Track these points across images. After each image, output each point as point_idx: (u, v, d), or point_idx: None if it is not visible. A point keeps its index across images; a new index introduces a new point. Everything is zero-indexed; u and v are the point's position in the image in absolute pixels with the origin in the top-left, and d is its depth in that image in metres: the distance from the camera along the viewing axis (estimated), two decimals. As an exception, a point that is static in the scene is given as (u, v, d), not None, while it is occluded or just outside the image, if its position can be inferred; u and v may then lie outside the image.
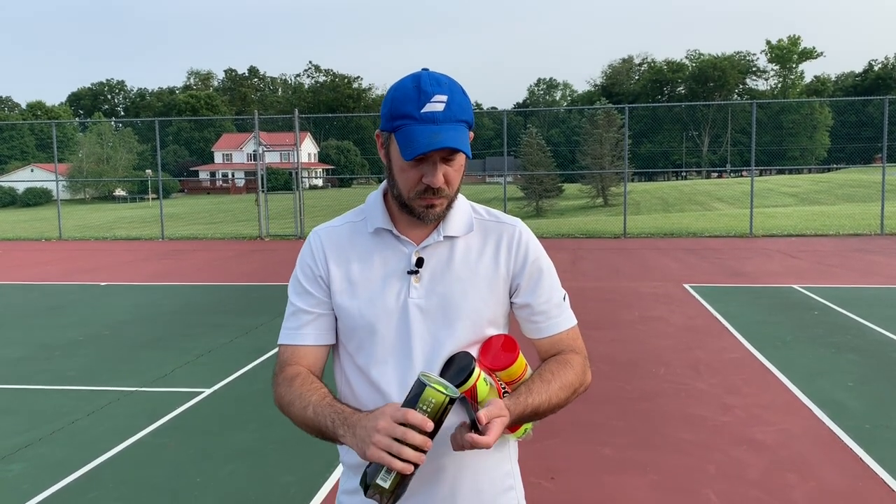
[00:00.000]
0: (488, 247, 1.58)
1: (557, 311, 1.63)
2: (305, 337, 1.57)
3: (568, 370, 1.56)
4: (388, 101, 1.47)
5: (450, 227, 1.55)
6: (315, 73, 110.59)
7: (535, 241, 1.63)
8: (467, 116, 1.45)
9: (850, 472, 4.21)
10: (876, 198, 21.69)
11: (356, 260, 1.55)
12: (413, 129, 1.41)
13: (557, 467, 4.37)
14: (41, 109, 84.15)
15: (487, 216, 1.62)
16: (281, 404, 1.54)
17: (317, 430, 1.45)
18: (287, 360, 1.57)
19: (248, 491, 4.12)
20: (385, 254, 1.54)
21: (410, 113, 1.41)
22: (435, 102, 1.41)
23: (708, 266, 12.85)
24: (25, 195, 54.66)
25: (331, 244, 1.57)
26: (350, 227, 1.59)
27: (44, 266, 14.77)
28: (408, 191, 1.48)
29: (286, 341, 1.59)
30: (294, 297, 1.59)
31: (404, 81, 1.46)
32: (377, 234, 1.56)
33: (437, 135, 1.40)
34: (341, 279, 1.54)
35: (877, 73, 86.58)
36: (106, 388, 6.14)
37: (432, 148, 1.39)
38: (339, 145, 79.94)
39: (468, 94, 1.51)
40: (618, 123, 44.79)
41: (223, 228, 25.71)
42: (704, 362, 6.56)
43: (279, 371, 1.57)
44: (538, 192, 40.76)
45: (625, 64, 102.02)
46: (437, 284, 1.52)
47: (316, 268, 1.56)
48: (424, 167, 1.44)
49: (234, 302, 10.17)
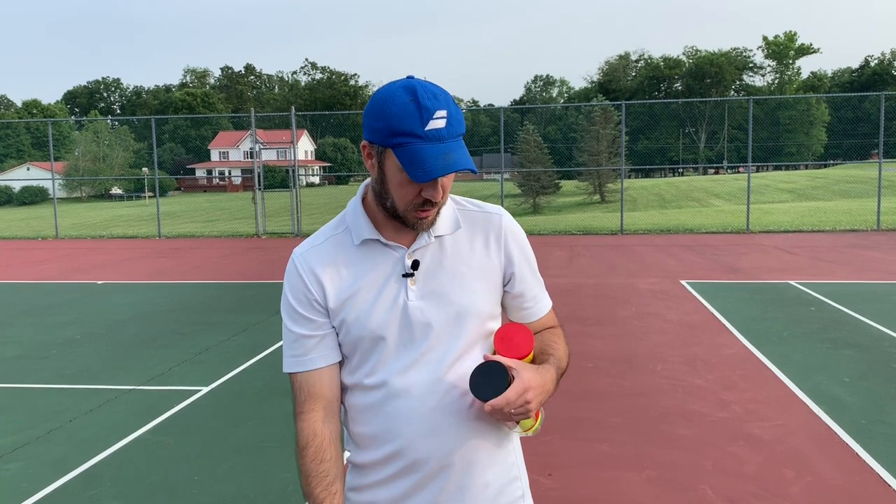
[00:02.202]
0: (477, 240, 1.59)
1: (541, 294, 1.68)
2: (315, 361, 1.55)
3: (558, 337, 1.66)
4: (383, 115, 1.40)
5: (438, 227, 1.55)
6: (311, 70, 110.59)
7: (518, 228, 1.66)
8: (463, 129, 1.45)
9: (846, 468, 4.22)
10: (872, 193, 21.73)
11: (347, 273, 1.53)
12: (421, 150, 1.38)
13: (555, 463, 4.38)
14: (37, 107, 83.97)
15: (471, 207, 1.63)
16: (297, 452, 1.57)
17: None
18: (303, 391, 1.55)
19: (246, 488, 4.12)
20: (377, 261, 1.53)
21: (413, 131, 1.38)
22: (437, 119, 1.38)
23: (705, 262, 12.87)
24: (22, 194, 54.59)
25: (318, 263, 1.55)
26: (333, 242, 1.57)
27: (40, 265, 14.75)
28: (405, 205, 1.46)
29: (295, 369, 1.55)
30: (292, 325, 1.56)
31: (397, 94, 1.40)
32: (364, 245, 1.54)
33: (447, 156, 1.38)
34: (337, 295, 1.53)
35: (873, 68, 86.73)
36: (103, 386, 6.13)
37: (448, 172, 1.38)
38: (336, 142, 79.93)
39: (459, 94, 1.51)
40: (615, 120, 44.75)
41: (220, 226, 25.68)
42: (701, 358, 6.57)
43: (299, 410, 1.56)
44: (535, 189, 40.73)
45: (622, 60, 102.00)
46: (434, 284, 1.52)
47: (308, 292, 1.54)
48: (426, 183, 1.43)
49: (232, 300, 10.16)
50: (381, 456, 1.53)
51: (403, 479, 1.53)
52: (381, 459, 1.54)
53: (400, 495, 1.54)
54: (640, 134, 76.98)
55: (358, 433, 1.57)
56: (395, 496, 1.54)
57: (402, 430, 1.50)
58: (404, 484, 1.53)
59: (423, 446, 1.50)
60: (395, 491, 1.54)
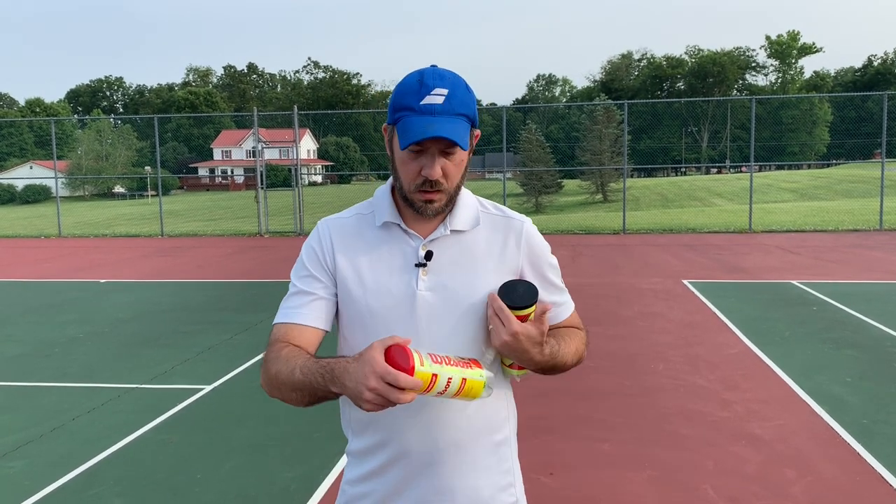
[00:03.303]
0: (495, 242, 1.59)
1: (561, 299, 1.67)
2: (302, 317, 1.55)
3: (575, 336, 1.64)
4: (393, 95, 1.49)
5: (456, 221, 1.56)
6: (314, 69, 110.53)
7: (540, 237, 1.66)
8: (468, 111, 1.46)
9: (848, 468, 4.22)
10: (875, 193, 21.70)
11: (364, 252, 1.56)
12: (410, 120, 1.43)
13: (556, 462, 4.38)
14: (40, 106, 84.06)
15: (495, 211, 1.64)
16: (269, 380, 1.50)
17: (309, 391, 1.42)
18: (278, 339, 1.54)
19: (248, 487, 4.13)
20: (393, 247, 1.55)
21: (410, 105, 1.44)
22: (435, 95, 1.43)
23: (707, 262, 12.86)
24: (24, 192, 54.62)
25: (339, 235, 1.59)
26: (358, 220, 1.61)
27: (43, 263, 14.78)
28: (408, 183, 1.49)
29: (281, 320, 1.57)
30: (296, 280, 1.59)
31: (410, 76, 1.48)
32: (385, 228, 1.57)
33: (431, 125, 1.41)
34: (348, 269, 1.55)
35: (876, 68, 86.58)
36: (106, 385, 6.15)
37: (425, 136, 1.40)
38: (339, 142, 79.92)
39: (474, 91, 1.52)
40: (617, 119, 44.69)
41: (222, 225, 25.70)
42: (703, 358, 6.57)
43: (267, 351, 1.54)
44: (537, 189, 40.69)
45: (624, 60, 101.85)
46: (445, 278, 1.53)
47: (322, 255, 1.57)
48: (423, 159, 1.45)
49: (234, 299, 10.18)
50: (373, 443, 1.55)
51: (391, 470, 1.53)
52: (371, 447, 1.55)
53: (390, 490, 1.54)
54: (643, 133, 76.90)
55: (356, 417, 1.58)
56: (386, 491, 1.55)
57: (391, 419, 1.51)
58: (392, 477, 1.54)
59: (411, 438, 1.51)
60: (386, 485, 1.54)
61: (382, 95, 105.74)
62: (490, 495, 1.57)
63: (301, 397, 1.45)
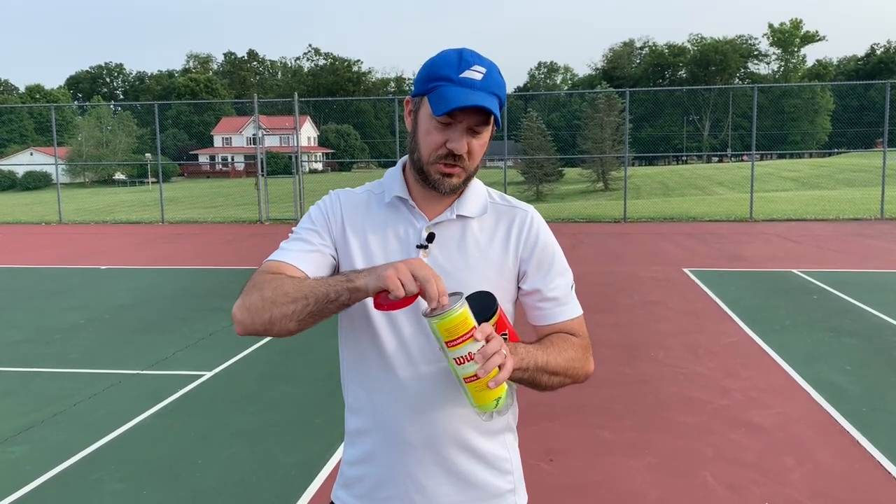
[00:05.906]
0: (499, 230, 1.57)
1: (565, 298, 1.60)
2: (296, 259, 1.51)
3: (568, 345, 1.55)
4: (427, 67, 1.48)
5: (464, 206, 1.55)
6: (315, 56, 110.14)
7: (546, 228, 1.62)
8: (501, 93, 1.46)
9: (847, 455, 4.24)
10: (876, 182, 21.64)
11: (369, 228, 1.56)
12: (449, 89, 1.42)
13: (556, 449, 4.39)
14: (40, 93, 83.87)
15: (501, 201, 1.62)
16: (260, 298, 1.41)
17: (321, 295, 1.35)
18: (269, 269, 1.49)
19: (248, 473, 4.15)
20: (397, 226, 1.55)
21: (449, 76, 1.43)
22: (474, 71, 1.43)
23: (708, 250, 12.86)
24: (25, 179, 54.58)
25: (348, 205, 1.58)
26: (368, 196, 1.60)
27: (44, 250, 14.78)
28: (428, 153, 1.47)
29: (276, 257, 1.52)
30: (299, 230, 1.58)
31: (447, 51, 1.48)
32: (392, 206, 1.56)
33: (471, 95, 1.41)
34: (353, 241, 1.55)
35: (879, 57, 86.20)
36: (107, 371, 6.16)
37: (466, 104, 1.39)
38: (339, 129, 79.70)
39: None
40: (619, 107, 44.53)
41: (223, 212, 25.68)
42: (703, 346, 6.58)
43: (255, 275, 1.48)
44: (538, 177, 40.63)
45: (626, 47, 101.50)
46: (446, 262, 1.52)
47: (328, 214, 1.57)
48: (451, 132, 1.44)
49: (235, 285, 10.14)
50: (366, 421, 1.54)
51: (387, 455, 1.52)
52: (367, 428, 1.54)
53: (385, 475, 1.53)
54: (644, 122, 76.60)
55: (352, 392, 1.58)
56: (381, 475, 1.54)
57: (387, 401, 1.51)
58: (387, 461, 1.52)
59: (407, 423, 1.50)
60: (381, 469, 1.53)
61: (383, 83, 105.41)
62: (488, 482, 1.56)
63: (302, 307, 1.36)
